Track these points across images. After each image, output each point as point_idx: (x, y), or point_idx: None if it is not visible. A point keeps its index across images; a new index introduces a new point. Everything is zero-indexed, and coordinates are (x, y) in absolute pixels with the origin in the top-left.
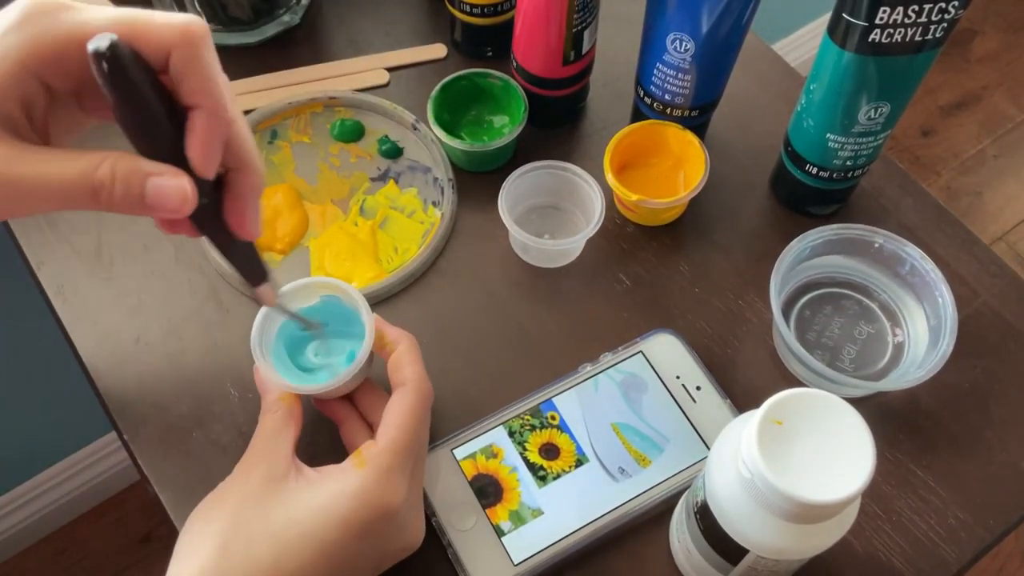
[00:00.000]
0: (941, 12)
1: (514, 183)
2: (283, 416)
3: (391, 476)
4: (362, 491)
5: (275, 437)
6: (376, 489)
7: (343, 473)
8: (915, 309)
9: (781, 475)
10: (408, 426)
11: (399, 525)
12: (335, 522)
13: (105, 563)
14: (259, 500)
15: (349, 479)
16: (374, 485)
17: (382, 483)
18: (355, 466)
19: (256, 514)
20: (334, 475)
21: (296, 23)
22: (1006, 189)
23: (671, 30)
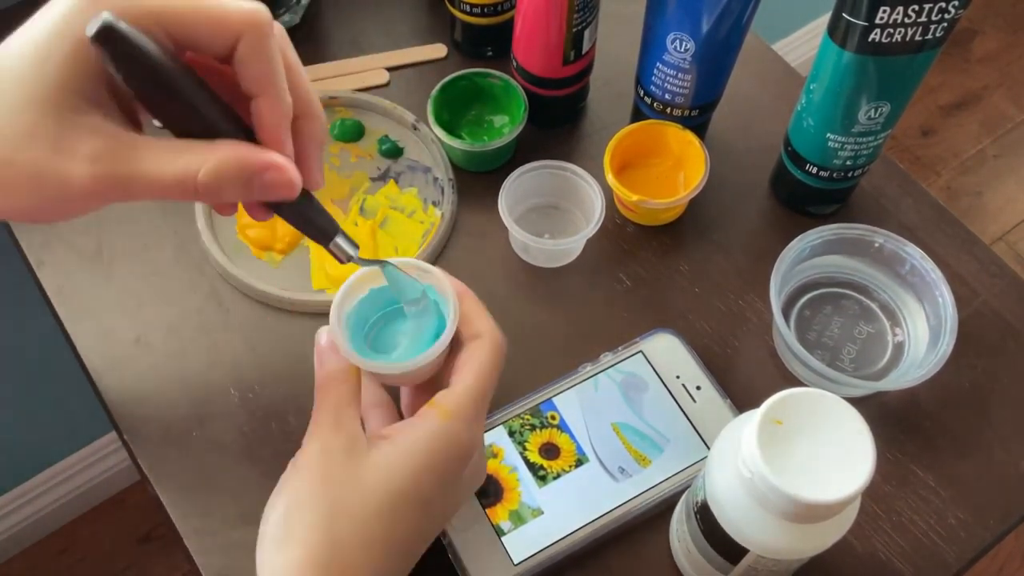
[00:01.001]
0: (941, 12)
1: (514, 183)
2: (350, 388)
3: (469, 422)
4: (451, 442)
5: (345, 409)
6: (463, 433)
7: (427, 420)
8: (915, 309)
9: (781, 475)
10: (485, 374)
11: (476, 468)
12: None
13: (105, 563)
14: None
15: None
16: (460, 430)
17: (467, 427)
18: (437, 413)
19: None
20: (411, 427)
21: (296, 23)
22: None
23: (671, 30)
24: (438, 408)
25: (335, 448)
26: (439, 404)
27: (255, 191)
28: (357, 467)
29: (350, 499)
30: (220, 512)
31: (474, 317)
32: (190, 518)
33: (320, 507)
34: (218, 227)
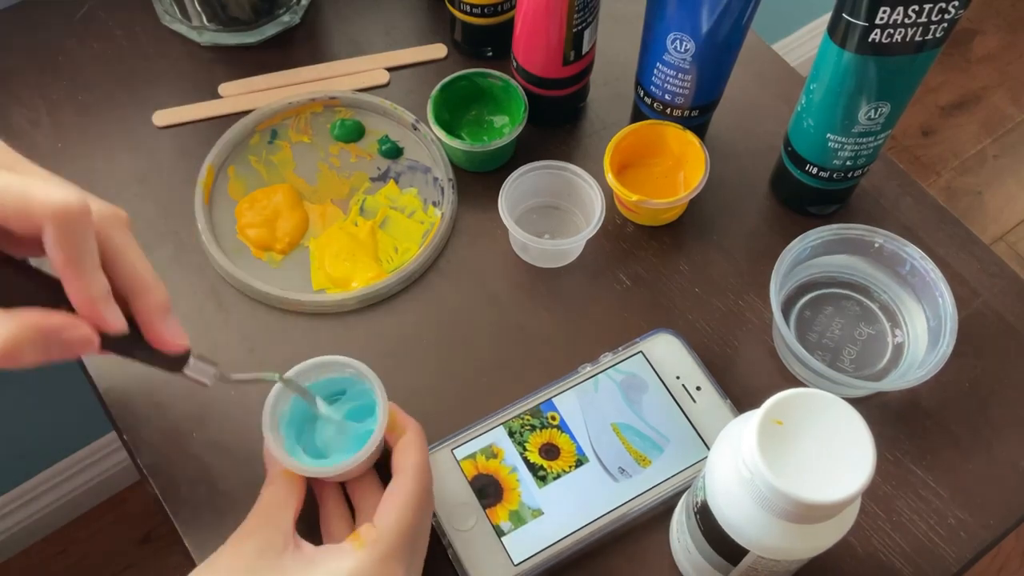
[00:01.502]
0: (941, 12)
1: (514, 183)
2: (285, 488)
3: (389, 561)
4: (359, 573)
5: (275, 509)
6: (373, 573)
7: (342, 554)
8: (915, 309)
9: (781, 475)
10: (408, 511)
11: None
12: None
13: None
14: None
15: (347, 560)
16: (371, 568)
17: (379, 567)
18: (354, 548)
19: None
20: (332, 555)
21: (296, 23)
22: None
23: (671, 30)
24: (357, 541)
25: (250, 542)
26: (360, 537)
27: (55, 350)
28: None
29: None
30: (220, 512)
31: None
32: (190, 518)
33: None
34: (218, 227)
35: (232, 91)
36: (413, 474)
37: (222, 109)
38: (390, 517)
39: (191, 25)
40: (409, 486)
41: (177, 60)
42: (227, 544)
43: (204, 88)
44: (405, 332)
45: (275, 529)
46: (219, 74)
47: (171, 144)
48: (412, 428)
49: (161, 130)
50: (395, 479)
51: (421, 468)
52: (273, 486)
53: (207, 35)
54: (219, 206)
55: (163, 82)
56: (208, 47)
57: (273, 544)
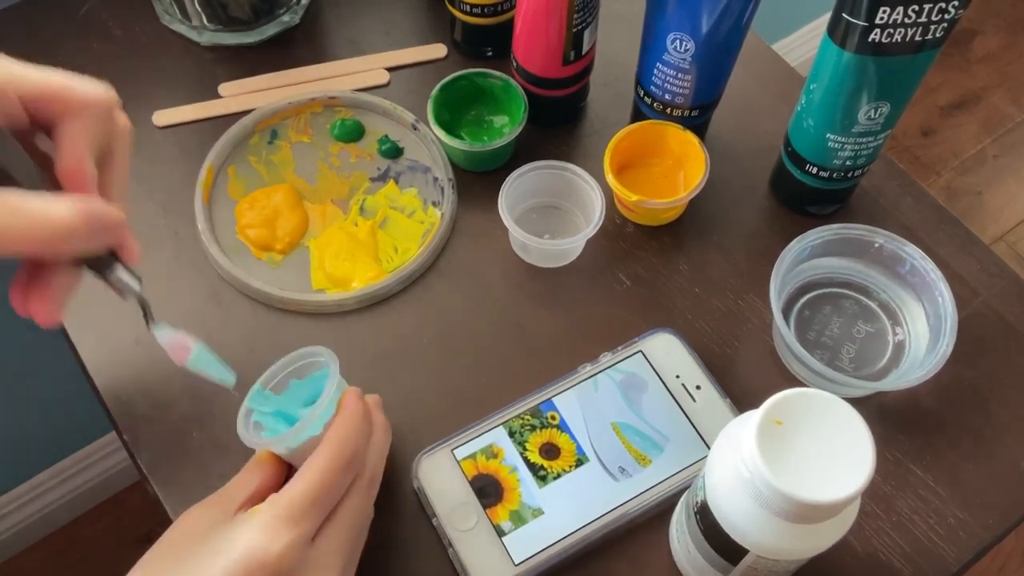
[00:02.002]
0: (941, 12)
1: (514, 183)
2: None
3: (272, 527)
4: (236, 539)
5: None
6: (250, 538)
7: (236, 523)
8: (915, 309)
9: (781, 475)
10: (313, 479)
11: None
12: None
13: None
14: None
15: (233, 527)
16: (250, 535)
17: (259, 533)
18: (247, 516)
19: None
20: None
21: (296, 23)
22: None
23: (671, 30)
24: (252, 510)
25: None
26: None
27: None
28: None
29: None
30: None
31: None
32: None
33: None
34: (218, 227)
35: (232, 91)
36: (329, 443)
37: (222, 109)
38: (291, 485)
39: (191, 25)
40: (318, 457)
41: (177, 60)
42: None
43: (204, 88)
44: (405, 332)
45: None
46: (219, 74)
47: (171, 144)
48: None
49: (161, 130)
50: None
51: (339, 438)
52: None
53: (207, 35)
54: (219, 206)
55: (163, 82)
56: (208, 47)
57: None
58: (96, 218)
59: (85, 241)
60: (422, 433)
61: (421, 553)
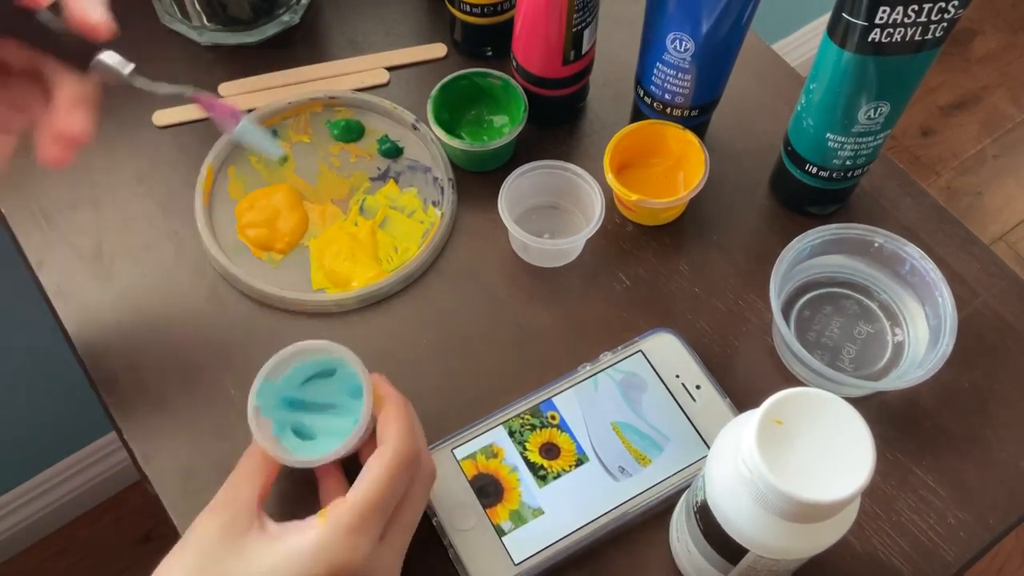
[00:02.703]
0: (941, 12)
1: (514, 183)
2: (257, 462)
3: (351, 534)
4: (318, 548)
5: (243, 484)
6: (333, 546)
7: (303, 530)
8: (915, 309)
9: (781, 475)
10: (380, 483)
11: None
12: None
13: (105, 563)
14: (217, 553)
15: (308, 536)
16: (330, 542)
17: (340, 540)
18: (316, 523)
19: (214, 568)
20: (294, 531)
21: (296, 23)
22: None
23: (671, 30)
24: (323, 517)
25: (214, 522)
26: (327, 513)
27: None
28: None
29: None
30: None
31: (389, 421)
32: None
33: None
34: (218, 227)
35: (232, 91)
36: (389, 446)
37: None
38: (359, 490)
39: (191, 25)
40: (384, 457)
41: (177, 60)
42: (193, 524)
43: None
44: (405, 332)
45: (239, 506)
46: (219, 74)
47: (171, 144)
48: (392, 400)
49: (161, 130)
50: (374, 452)
51: (397, 439)
52: (245, 459)
53: (207, 35)
54: (219, 206)
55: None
56: (208, 47)
57: (236, 524)
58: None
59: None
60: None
61: (421, 553)
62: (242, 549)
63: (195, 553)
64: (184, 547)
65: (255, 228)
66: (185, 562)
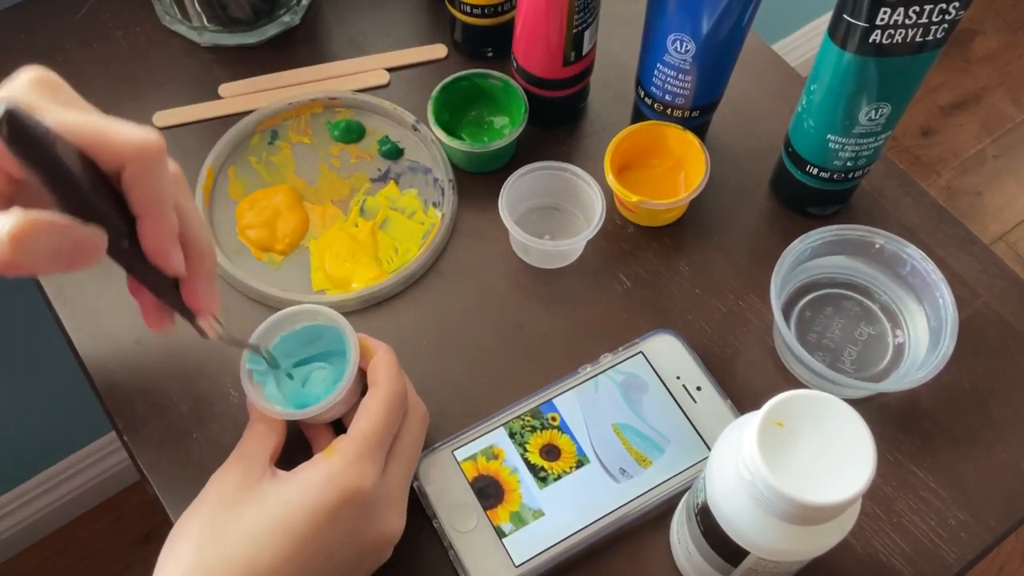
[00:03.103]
0: (942, 13)
1: (514, 184)
2: (262, 428)
3: (358, 462)
4: (328, 476)
5: (252, 447)
6: (342, 474)
7: (312, 464)
8: (916, 310)
9: (782, 477)
10: (376, 417)
11: (371, 513)
12: (304, 510)
13: (105, 563)
14: (232, 500)
15: (318, 468)
16: (340, 470)
17: (348, 468)
18: (325, 456)
19: (229, 513)
20: (306, 468)
21: (296, 23)
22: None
23: (671, 31)
24: (331, 451)
25: (229, 475)
26: (333, 447)
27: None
28: (239, 492)
29: (226, 524)
30: None
31: (378, 366)
32: None
33: (197, 529)
34: (218, 228)
35: (232, 91)
36: (381, 384)
37: (222, 110)
38: (359, 424)
39: (191, 25)
40: (378, 394)
41: (177, 60)
42: (209, 482)
43: (204, 88)
44: (405, 333)
45: (252, 460)
46: (219, 74)
47: (171, 144)
48: (381, 349)
49: (161, 130)
50: (367, 393)
51: (388, 377)
52: (251, 428)
53: (207, 35)
54: (219, 207)
55: (163, 82)
56: (208, 47)
57: (250, 474)
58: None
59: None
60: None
61: (421, 554)
62: (257, 494)
63: (211, 504)
64: (200, 502)
65: (255, 229)
66: (202, 513)
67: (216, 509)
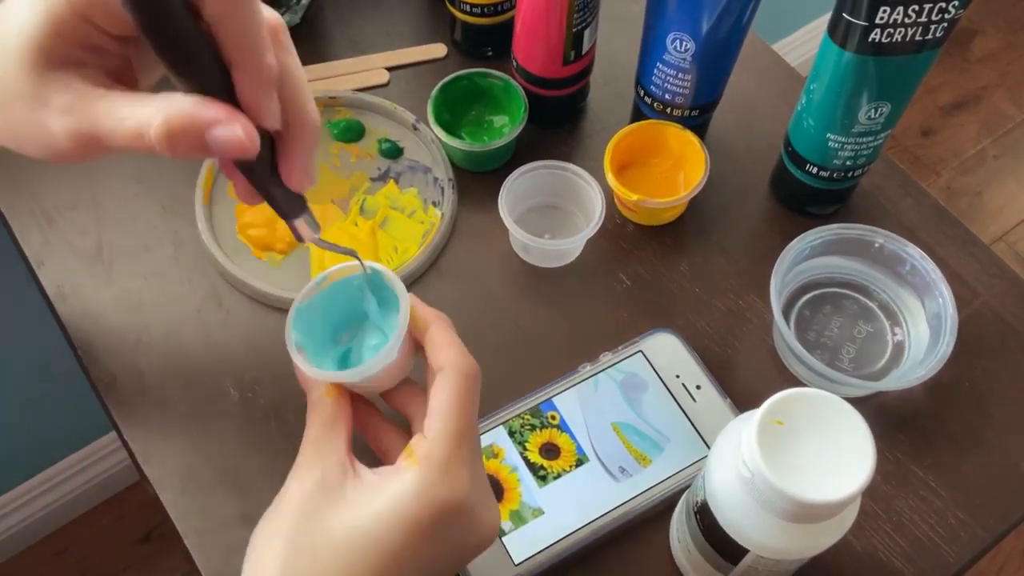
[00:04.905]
0: (941, 12)
1: (514, 183)
2: (331, 413)
3: (449, 468)
4: (420, 489)
5: (326, 439)
6: (437, 485)
7: (399, 473)
8: (915, 309)
9: (781, 475)
10: (455, 412)
11: (470, 519)
12: (400, 527)
13: (105, 563)
14: (316, 511)
15: (407, 479)
16: (433, 481)
17: (441, 477)
18: (409, 465)
19: (315, 527)
20: (392, 478)
21: (296, 23)
22: (1006, 189)
23: (671, 30)
24: (411, 459)
25: (308, 483)
26: (413, 452)
27: (209, 147)
28: (323, 502)
29: (312, 535)
30: (220, 512)
31: (440, 346)
32: (190, 518)
33: (283, 540)
34: (218, 227)
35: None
36: (451, 369)
37: None
38: (436, 424)
39: None
40: (450, 383)
41: None
42: (286, 486)
43: None
44: None
45: (330, 459)
46: None
47: None
48: (436, 321)
49: None
50: (435, 380)
51: (456, 361)
52: (316, 412)
53: None
54: (219, 206)
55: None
56: None
57: (332, 475)
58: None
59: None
60: None
61: None
62: (342, 503)
63: (293, 515)
64: (278, 514)
65: (255, 228)
66: (283, 526)
67: (299, 520)
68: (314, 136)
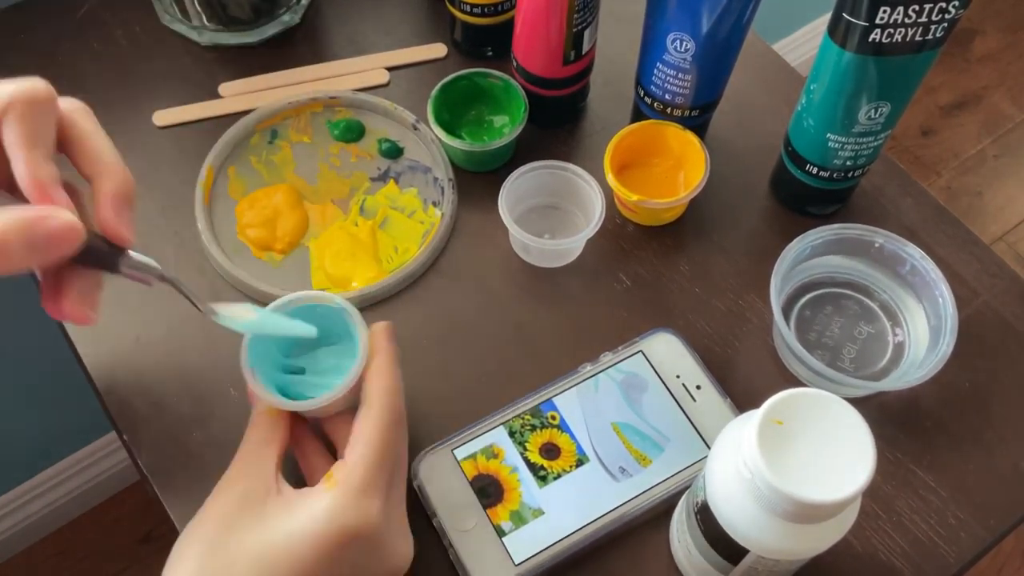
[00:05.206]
0: (941, 12)
1: (514, 183)
2: (268, 429)
3: (362, 495)
4: (332, 512)
5: (257, 453)
6: (347, 509)
7: (316, 494)
8: (915, 309)
9: (781, 475)
10: (376, 441)
11: (379, 547)
12: (309, 547)
13: (105, 563)
14: (236, 523)
15: (321, 500)
16: (344, 505)
17: (352, 503)
18: (327, 488)
19: (233, 538)
20: (309, 498)
21: (296, 23)
22: (1006, 189)
23: (671, 30)
24: (329, 481)
25: (233, 495)
26: (332, 475)
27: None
28: (244, 515)
29: (229, 546)
30: None
31: (373, 376)
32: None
33: (202, 547)
34: (218, 227)
35: (232, 91)
36: (376, 402)
37: (222, 109)
38: (357, 450)
39: (191, 25)
40: (373, 415)
41: (177, 60)
42: (214, 492)
43: (204, 88)
44: (405, 332)
45: (257, 474)
46: (219, 74)
47: (171, 144)
48: (381, 352)
49: (161, 130)
50: (361, 409)
51: (385, 394)
52: (255, 427)
53: (207, 35)
54: (219, 206)
55: (163, 82)
56: (208, 47)
57: (256, 490)
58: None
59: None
60: (422, 433)
61: (421, 553)
62: (261, 518)
63: (214, 524)
64: (202, 521)
65: (255, 228)
66: (204, 533)
67: (218, 530)
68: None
